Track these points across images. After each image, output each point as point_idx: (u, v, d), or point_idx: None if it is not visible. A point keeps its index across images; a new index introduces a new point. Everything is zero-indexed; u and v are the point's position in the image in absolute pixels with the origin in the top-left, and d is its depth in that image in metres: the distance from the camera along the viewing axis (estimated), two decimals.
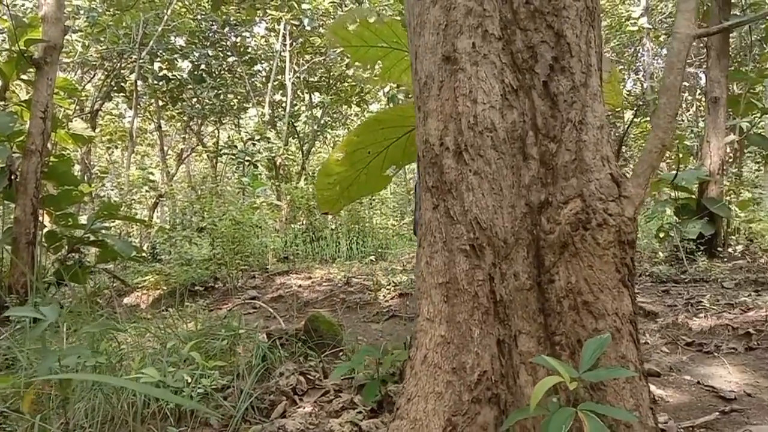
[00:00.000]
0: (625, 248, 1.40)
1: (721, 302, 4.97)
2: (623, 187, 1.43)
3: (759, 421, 2.67)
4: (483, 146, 1.46)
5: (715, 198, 8.00)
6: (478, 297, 1.43)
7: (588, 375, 1.19)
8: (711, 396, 3.06)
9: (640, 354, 1.41)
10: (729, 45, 8.64)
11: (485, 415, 1.37)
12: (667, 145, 1.39)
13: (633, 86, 21.06)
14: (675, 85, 1.37)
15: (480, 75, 1.48)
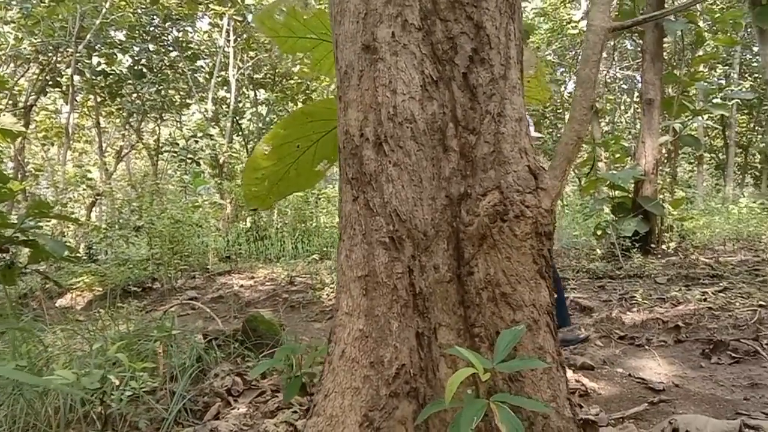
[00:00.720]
0: (542, 240, 1.41)
1: (653, 297, 5.14)
2: (540, 179, 1.43)
3: (685, 411, 2.75)
4: (403, 137, 1.45)
5: (649, 196, 8.28)
6: (398, 290, 1.41)
7: (502, 366, 1.19)
8: (641, 387, 3.15)
9: (558, 344, 1.42)
10: (663, 49, 8.95)
11: (403, 409, 1.35)
12: (582, 138, 1.41)
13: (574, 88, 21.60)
14: (590, 78, 1.39)
15: (400, 65, 1.46)
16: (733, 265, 6.73)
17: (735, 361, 3.47)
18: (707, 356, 3.59)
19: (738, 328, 3.99)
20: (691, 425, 2.46)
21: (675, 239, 8.65)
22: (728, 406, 2.81)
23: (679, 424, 2.47)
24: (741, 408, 2.76)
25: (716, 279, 5.89)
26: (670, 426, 2.49)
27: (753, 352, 3.49)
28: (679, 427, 2.45)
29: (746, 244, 8.59)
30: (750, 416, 2.62)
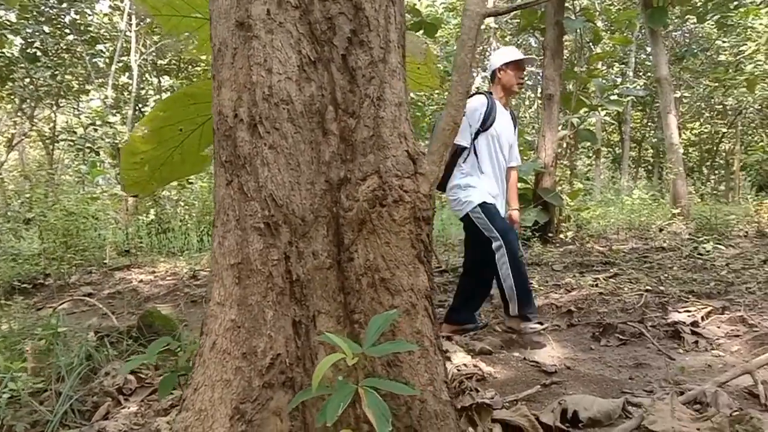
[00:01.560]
0: (421, 225, 1.41)
1: (549, 284, 5.36)
2: (419, 164, 1.43)
3: (575, 392, 2.87)
4: (279, 119, 1.40)
5: (549, 188, 8.63)
6: (273, 277, 1.37)
7: (372, 350, 1.17)
8: (535, 371, 3.25)
9: (436, 328, 1.42)
10: (563, 46, 9.33)
11: (278, 399, 1.31)
12: (459, 122, 1.41)
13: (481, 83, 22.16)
14: (466, 63, 1.39)
15: (275, 44, 1.41)
16: (624, 253, 7.14)
17: (622, 342, 3.67)
18: (597, 339, 3.77)
19: (626, 312, 4.22)
20: (578, 405, 2.57)
21: (572, 229, 9.07)
22: (614, 386, 2.95)
23: (567, 405, 2.57)
24: (626, 387, 2.91)
25: (608, 266, 6.23)
26: (560, 407, 2.58)
27: (638, 334, 3.70)
28: (568, 407, 2.55)
29: (637, 233, 9.13)
30: (633, 394, 2.77)
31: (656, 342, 3.55)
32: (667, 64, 10.57)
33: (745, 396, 2.69)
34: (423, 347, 1.37)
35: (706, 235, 7.47)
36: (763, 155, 10.93)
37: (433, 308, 1.43)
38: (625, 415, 2.52)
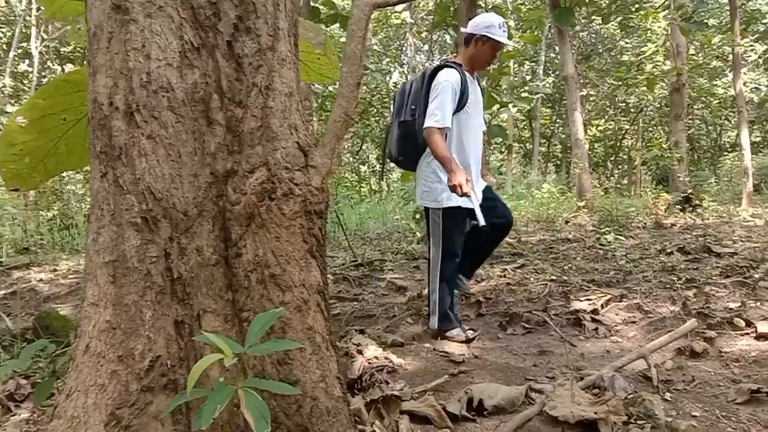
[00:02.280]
0: (313, 218, 1.38)
1: None
2: (310, 156, 1.40)
3: (481, 380, 2.92)
4: (158, 107, 1.32)
5: None
6: (152, 275, 1.29)
7: (254, 350, 1.13)
8: (444, 361, 3.29)
9: (329, 324, 1.40)
10: None
11: (159, 403, 1.25)
12: (351, 114, 1.39)
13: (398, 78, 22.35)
14: (356, 54, 1.37)
15: (154, 28, 1.33)
16: (532, 244, 7.39)
17: (527, 331, 3.77)
18: (504, 328, 3.86)
19: (531, 301, 4.36)
20: (484, 393, 2.62)
21: None
22: (519, 373, 3.03)
23: (473, 393, 2.61)
24: (530, 374, 2.99)
25: (517, 257, 6.42)
26: (466, 395, 2.63)
27: (542, 323, 3.82)
28: (474, 396, 2.60)
29: (545, 225, 9.47)
30: (536, 381, 2.85)
31: (559, 330, 3.68)
32: (573, 63, 11.02)
33: (640, 379, 2.83)
34: (315, 344, 1.34)
35: (608, 227, 7.86)
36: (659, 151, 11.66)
37: (326, 304, 1.40)
38: (528, 401, 2.60)
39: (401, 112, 3.76)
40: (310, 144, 1.40)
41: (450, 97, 3.47)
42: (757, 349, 3.02)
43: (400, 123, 3.76)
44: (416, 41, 19.61)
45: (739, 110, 11.98)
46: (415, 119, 3.63)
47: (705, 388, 2.71)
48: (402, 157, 3.84)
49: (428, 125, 3.48)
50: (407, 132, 3.71)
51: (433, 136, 3.46)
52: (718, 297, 3.93)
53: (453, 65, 3.59)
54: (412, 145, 3.70)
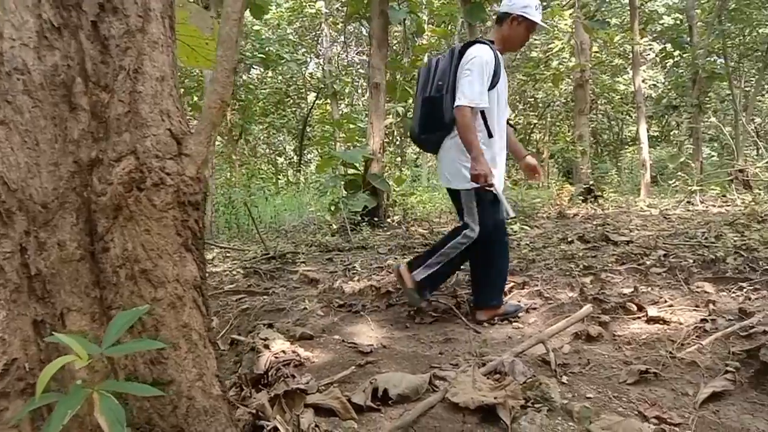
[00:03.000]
0: (187, 210, 1.31)
1: (373, 266, 5.48)
2: (184, 144, 1.33)
3: (388, 370, 2.93)
4: (12, 91, 1.21)
5: (377, 174, 8.83)
6: (5, 272, 1.19)
7: (112, 350, 1.07)
8: (353, 352, 3.28)
9: (208, 321, 1.35)
10: (388, 35, 9.56)
11: (15, 409, 1.15)
12: (227, 101, 1.34)
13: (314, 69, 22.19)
14: (231, 37, 1.32)
15: (8, 5, 1.22)
16: (443, 235, 7.52)
17: (435, 319, 3.83)
18: (412, 317, 3.90)
19: (439, 290, 4.43)
20: (389, 383, 2.63)
21: (399, 213, 9.39)
22: (425, 361, 3.07)
23: (378, 383, 2.62)
24: (435, 362, 3.03)
25: (428, 247, 6.51)
26: (371, 386, 2.63)
27: (449, 310, 3.89)
28: (379, 385, 2.60)
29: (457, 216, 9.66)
30: (441, 368, 2.89)
31: (464, 317, 3.76)
32: None
33: (539, 363, 2.92)
34: (191, 341, 1.28)
35: (516, 217, 8.12)
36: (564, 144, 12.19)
37: (204, 299, 1.34)
38: (432, 388, 2.63)
39: (426, 88, 3.56)
40: (185, 131, 1.33)
41: (483, 74, 3.29)
42: (647, 332, 3.19)
43: (424, 99, 3.56)
44: (332, 32, 19.50)
45: (637, 106, 12.68)
46: (442, 95, 3.43)
47: (599, 370, 2.84)
48: (425, 136, 3.64)
49: (460, 103, 3.27)
50: (432, 108, 3.51)
51: (464, 115, 3.27)
52: (614, 283, 4.13)
53: (485, 42, 3.43)
54: (438, 124, 3.51)
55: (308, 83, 22.44)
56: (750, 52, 17.70)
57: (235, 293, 4.86)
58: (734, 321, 3.10)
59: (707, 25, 14.95)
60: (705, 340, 2.92)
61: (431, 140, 3.63)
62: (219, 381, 1.32)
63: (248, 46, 16.09)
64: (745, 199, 7.66)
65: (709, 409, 2.40)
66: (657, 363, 2.80)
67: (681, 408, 2.42)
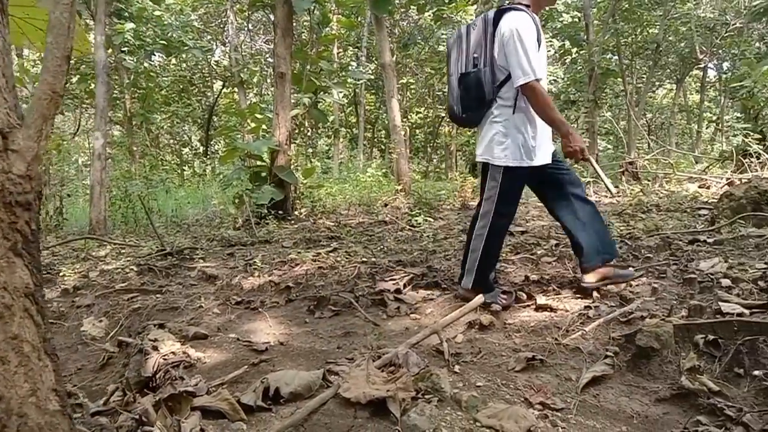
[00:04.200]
0: (15, 211, 1.18)
1: (275, 261, 5.37)
2: (11, 139, 1.19)
3: (282, 367, 2.86)
4: None
5: (283, 166, 8.68)
6: None
7: None
8: (247, 350, 3.19)
9: (43, 331, 1.23)
10: (293, 25, 9.39)
11: None
12: (59, 91, 1.22)
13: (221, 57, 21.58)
14: (62, 23, 1.20)
15: None
16: (351, 228, 7.50)
17: (334, 313, 3.78)
18: (312, 312, 3.84)
19: (340, 284, 4.39)
20: (280, 381, 2.56)
21: (308, 206, 9.29)
22: (322, 357, 3.02)
23: (270, 382, 2.54)
24: (332, 357, 2.98)
25: (334, 240, 6.47)
26: (262, 385, 2.55)
27: (349, 304, 3.86)
28: (270, 384, 2.53)
29: (366, 209, 9.69)
30: (336, 363, 2.85)
31: (364, 310, 3.74)
32: (390, 50, 11.32)
33: (434, 354, 2.94)
34: (22, 354, 1.16)
35: (421, 209, 8.22)
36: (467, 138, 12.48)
37: (39, 307, 1.22)
38: (327, 384, 2.59)
39: (459, 64, 3.36)
40: (12, 125, 1.20)
41: (532, 44, 3.09)
42: (536, 320, 3.29)
43: (461, 76, 3.34)
44: (239, 19, 18.98)
45: None
46: (480, 69, 3.25)
47: (490, 358, 2.89)
48: (466, 114, 3.42)
49: (524, 81, 3.06)
50: (470, 84, 3.31)
51: (537, 92, 3.08)
52: (507, 273, 4.24)
53: (520, 7, 3.21)
54: (478, 100, 3.31)
55: (214, 71, 21.79)
56: (641, 51, 18.81)
57: (126, 292, 4.63)
58: (615, 307, 3.25)
59: (603, 24, 15.73)
60: (588, 326, 3.03)
61: (474, 119, 3.44)
62: (57, 395, 1.20)
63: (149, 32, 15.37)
64: (633, 190, 8.10)
65: (590, 393, 2.49)
66: (544, 350, 2.89)
67: (564, 393, 2.50)
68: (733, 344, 2.53)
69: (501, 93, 3.26)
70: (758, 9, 11.57)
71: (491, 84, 3.24)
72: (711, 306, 2.93)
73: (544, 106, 3.11)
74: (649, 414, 2.33)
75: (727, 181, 7.61)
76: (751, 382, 2.39)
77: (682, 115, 23.85)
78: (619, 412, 2.36)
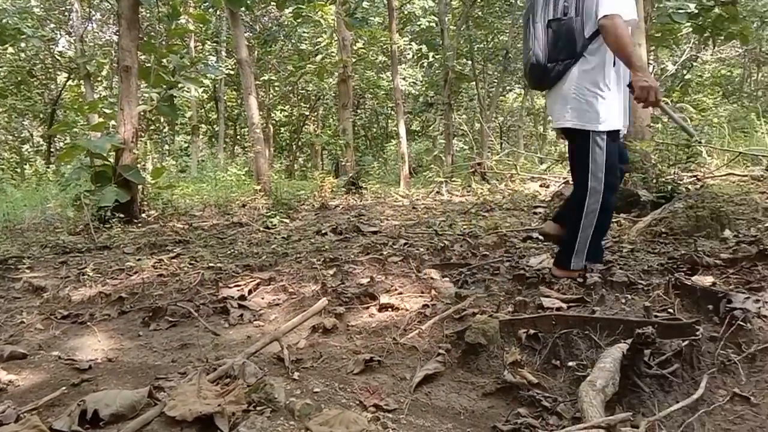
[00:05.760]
0: None
1: (112, 269, 5.01)
2: None
3: (107, 387, 2.64)
4: None
5: (129, 165, 8.16)
6: None
7: None
8: (69, 369, 2.92)
9: None
10: (139, 16, 8.85)
11: None
12: None
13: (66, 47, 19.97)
14: None
15: None
16: (203, 230, 7.21)
17: (172, 324, 3.59)
18: (147, 324, 3.62)
19: (181, 292, 4.17)
20: (100, 403, 2.35)
21: (158, 208, 8.81)
22: (152, 373, 2.83)
23: (88, 404, 2.33)
24: (164, 372, 2.80)
25: (182, 244, 6.17)
26: (79, 408, 2.33)
27: (188, 314, 3.68)
28: (88, 407, 2.32)
29: (223, 210, 9.37)
30: (167, 379, 2.69)
31: (204, 320, 3.59)
32: (248, 46, 11.04)
33: (275, 362, 2.86)
34: None
35: (278, 210, 8.09)
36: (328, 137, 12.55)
37: None
38: (154, 402, 2.43)
39: (547, 10, 3.08)
40: None
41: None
42: (378, 321, 3.32)
43: (550, 21, 3.06)
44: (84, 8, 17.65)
45: (396, 102, 13.49)
46: (571, 18, 3.00)
47: (330, 362, 2.87)
48: (551, 64, 3.09)
49: (610, 11, 2.84)
50: (560, 31, 3.03)
51: (618, 25, 2.83)
52: (355, 274, 4.26)
53: None
54: (568, 50, 3.03)
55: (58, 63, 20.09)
56: (493, 57, 19.91)
57: None
58: (450, 305, 3.36)
59: (457, 30, 16.45)
60: (425, 324, 3.11)
61: (556, 70, 3.11)
62: None
63: None
64: (482, 189, 8.53)
65: (422, 391, 2.54)
66: (383, 350, 2.92)
67: (398, 393, 2.54)
68: (551, 337, 2.71)
69: (591, 48, 3.06)
70: None
71: (582, 35, 3.03)
72: (534, 301, 3.13)
73: (621, 39, 2.88)
74: (476, 409, 2.43)
75: (564, 180, 8.23)
76: (566, 372, 2.57)
77: (530, 118, 25.59)
78: (448, 408, 2.44)
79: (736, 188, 5.23)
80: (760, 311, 2.53)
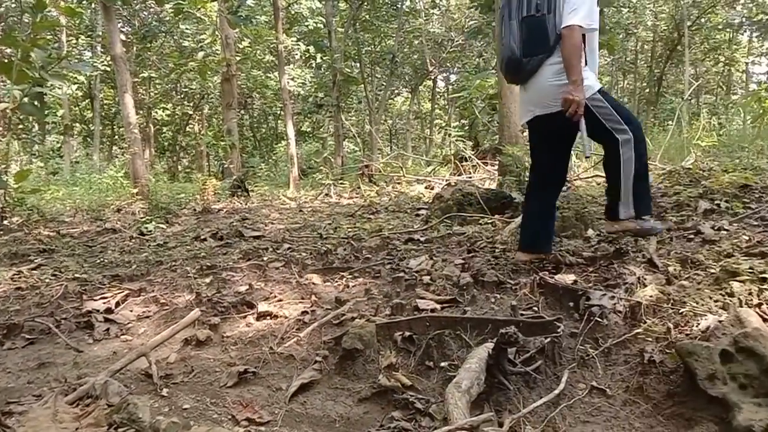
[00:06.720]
0: None
1: None
2: None
3: None
4: None
5: None
6: None
7: None
8: None
9: None
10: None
11: None
12: None
13: None
14: None
15: None
16: (72, 237, 6.72)
17: (29, 342, 3.31)
18: (1, 343, 3.31)
19: (41, 306, 3.85)
20: None
21: (23, 214, 8.10)
22: (3, 396, 2.58)
23: None
24: (17, 395, 2.57)
25: (46, 253, 5.71)
26: None
27: (48, 330, 3.40)
28: None
29: (96, 215, 8.78)
30: (18, 403, 2.46)
31: (66, 336, 3.32)
32: (124, 42, 10.45)
33: (142, 378, 2.69)
34: None
35: (157, 215, 7.70)
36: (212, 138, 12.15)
37: None
38: (3, 430, 2.20)
39: (522, 7, 3.24)
40: None
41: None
42: (255, 330, 3.22)
43: (524, 19, 3.24)
44: None
45: (284, 103, 13.29)
46: (544, 15, 3.15)
47: (203, 376, 2.74)
48: (526, 59, 3.25)
49: (572, 23, 3.04)
50: (533, 27, 3.21)
51: (575, 37, 3.05)
52: (233, 281, 4.11)
53: None
54: (541, 45, 3.19)
55: None
56: (380, 60, 20.16)
57: None
58: (330, 310, 3.32)
59: (345, 32, 16.49)
60: (303, 332, 3.05)
61: (531, 64, 3.26)
62: None
63: None
64: (370, 192, 8.58)
65: (298, 401, 2.49)
66: (259, 361, 2.82)
67: (273, 404, 2.46)
68: (425, 339, 2.74)
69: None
70: (473, 29, 13.15)
71: (554, 31, 3.17)
72: (411, 303, 3.16)
73: (573, 50, 3.08)
74: (351, 415, 2.41)
75: (446, 183, 8.46)
76: (439, 373, 2.61)
77: (418, 121, 26.18)
78: (323, 417, 2.40)
79: (600, 189, 5.58)
80: (615, 307, 2.70)
